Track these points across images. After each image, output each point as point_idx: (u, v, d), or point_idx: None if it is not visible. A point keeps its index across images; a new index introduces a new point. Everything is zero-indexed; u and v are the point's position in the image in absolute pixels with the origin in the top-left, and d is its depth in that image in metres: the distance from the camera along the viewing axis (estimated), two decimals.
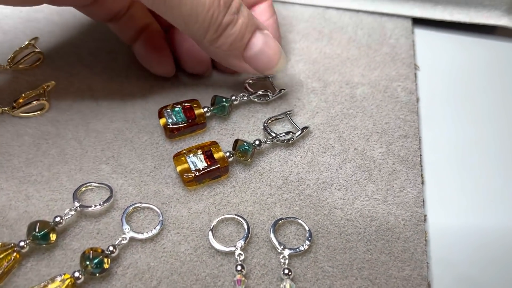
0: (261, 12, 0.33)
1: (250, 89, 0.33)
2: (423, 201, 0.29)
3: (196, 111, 0.31)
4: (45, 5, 0.33)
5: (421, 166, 0.31)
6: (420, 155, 0.32)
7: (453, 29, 0.40)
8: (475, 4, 0.38)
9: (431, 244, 0.28)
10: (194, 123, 0.31)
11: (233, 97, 0.32)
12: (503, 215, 0.30)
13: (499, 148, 0.33)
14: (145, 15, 0.34)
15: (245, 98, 0.32)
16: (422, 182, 0.30)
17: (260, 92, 0.33)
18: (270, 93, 0.33)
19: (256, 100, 0.33)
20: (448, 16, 0.39)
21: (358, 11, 0.41)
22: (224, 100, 0.32)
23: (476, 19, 0.39)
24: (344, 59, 0.37)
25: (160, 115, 0.31)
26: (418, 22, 0.40)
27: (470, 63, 0.38)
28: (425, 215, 0.29)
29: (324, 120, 0.33)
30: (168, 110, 0.31)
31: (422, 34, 0.40)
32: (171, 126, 0.31)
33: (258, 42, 0.29)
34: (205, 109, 0.31)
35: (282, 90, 0.33)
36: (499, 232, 0.29)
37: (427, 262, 0.27)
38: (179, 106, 0.31)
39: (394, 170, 0.31)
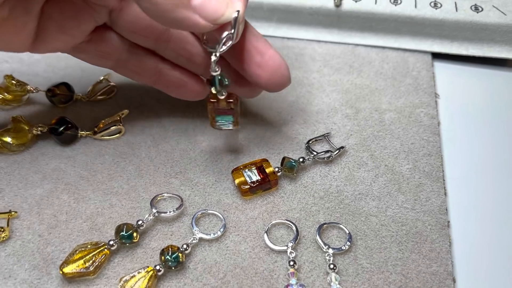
0: None
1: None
2: (446, 209, 0.34)
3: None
4: None
5: (444, 180, 0.36)
6: (443, 171, 0.36)
7: (469, 62, 0.44)
8: (488, 40, 0.44)
9: (455, 245, 0.32)
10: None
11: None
12: None
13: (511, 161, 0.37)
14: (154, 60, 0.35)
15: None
16: (445, 194, 0.35)
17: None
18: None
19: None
20: (464, 51, 0.44)
21: (383, 47, 0.46)
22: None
23: (489, 53, 0.44)
24: (373, 89, 0.42)
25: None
26: (437, 56, 0.45)
27: (484, 91, 0.43)
28: (449, 221, 0.34)
29: (358, 141, 0.38)
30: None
31: (441, 67, 0.44)
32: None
33: None
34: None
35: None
36: None
37: (451, 261, 0.31)
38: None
39: (420, 183, 0.35)
